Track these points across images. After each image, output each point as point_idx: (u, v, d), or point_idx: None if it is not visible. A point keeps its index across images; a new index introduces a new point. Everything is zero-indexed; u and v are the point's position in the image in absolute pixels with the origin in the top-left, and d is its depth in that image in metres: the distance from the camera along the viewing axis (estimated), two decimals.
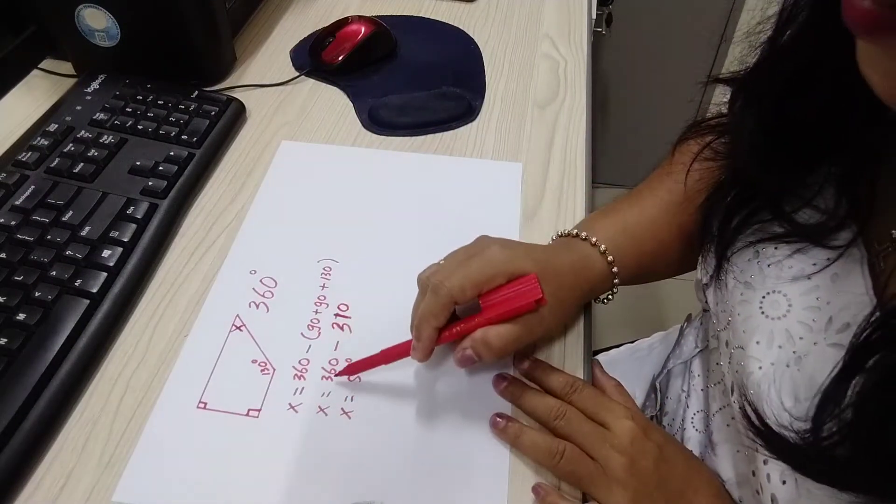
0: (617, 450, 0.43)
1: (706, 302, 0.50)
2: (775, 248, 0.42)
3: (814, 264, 0.40)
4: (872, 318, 0.33)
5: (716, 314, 0.48)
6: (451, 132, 0.69)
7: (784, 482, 0.37)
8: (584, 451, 0.43)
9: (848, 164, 0.41)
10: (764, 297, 0.42)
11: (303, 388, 0.48)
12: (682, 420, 0.55)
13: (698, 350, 0.57)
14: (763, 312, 0.41)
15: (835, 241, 0.40)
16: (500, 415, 0.45)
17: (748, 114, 0.43)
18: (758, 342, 0.41)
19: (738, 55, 0.43)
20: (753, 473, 0.41)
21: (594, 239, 0.50)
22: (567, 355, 0.50)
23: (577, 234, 0.51)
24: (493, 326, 0.43)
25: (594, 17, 0.95)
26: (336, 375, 0.49)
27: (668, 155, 0.56)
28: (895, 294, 0.36)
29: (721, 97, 0.51)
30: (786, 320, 0.40)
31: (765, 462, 0.39)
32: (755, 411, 0.39)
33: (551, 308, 0.45)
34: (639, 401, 0.66)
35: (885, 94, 0.29)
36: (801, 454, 0.35)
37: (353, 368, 0.48)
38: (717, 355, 0.50)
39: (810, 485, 0.35)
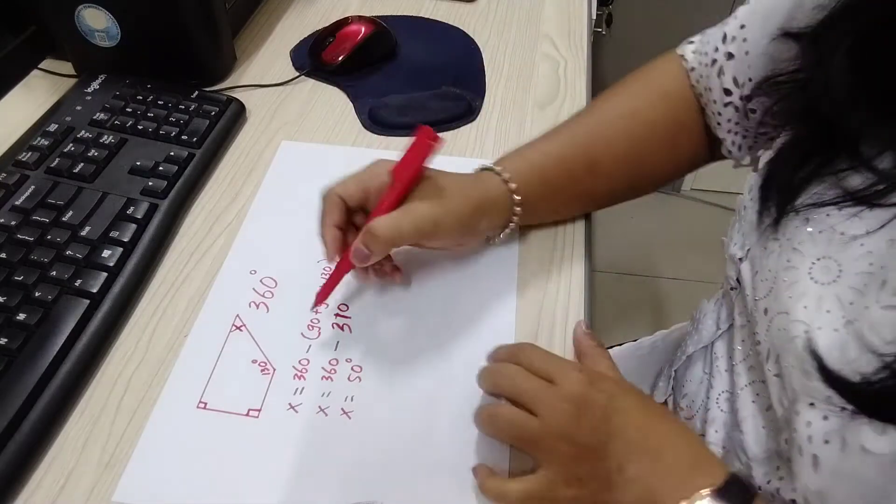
0: (561, 400, 0.41)
1: (735, 279, 0.49)
2: (827, 214, 0.41)
3: (867, 229, 0.39)
4: None
5: (753, 285, 0.46)
6: (451, 132, 0.69)
7: (828, 442, 0.36)
8: (530, 409, 0.41)
9: None
10: (814, 264, 0.40)
11: (303, 388, 0.48)
12: (706, 401, 0.54)
13: (721, 331, 0.57)
14: (812, 278, 0.40)
15: (891, 199, 0.38)
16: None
17: (831, 56, 0.42)
18: (805, 307, 0.39)
19: None
20: (786, 442, 0.40)
21: (487, 163, 0.54)
22: (567, 352, 0.50)
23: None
24: (379, 217, 0.46)
25: (594, 17, 0.95)
26: (312, 308, 0.52)
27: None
28: None
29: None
30: (836, 285, 0.39)
31: (808, 424, 0.37)
32: (819, 356, 0.37)
33: (434, 194, 0.48)
34: None
35: None
36: (872, 393, 0.34)
37: (321, 297, 0.51)
38: (746, 330, 0.49)
39: (865, 439, 0.34)
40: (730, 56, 0.52)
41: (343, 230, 0.49)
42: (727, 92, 0.53)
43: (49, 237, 0.53)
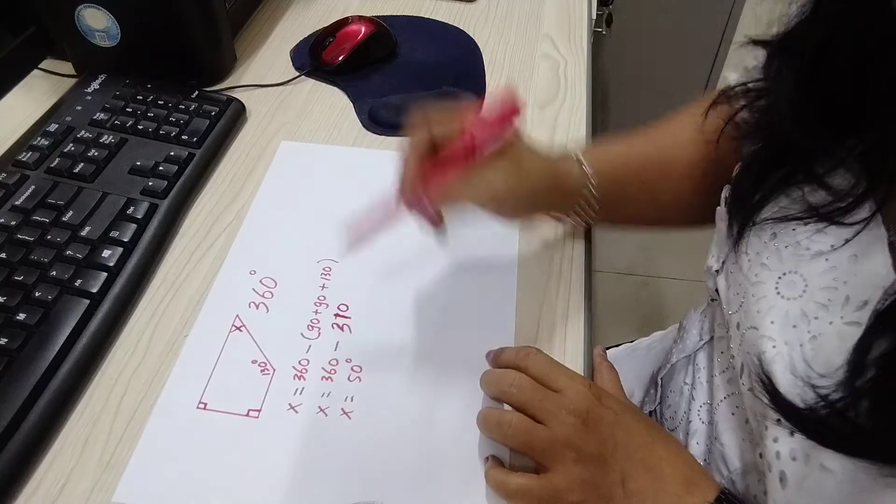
0: (569, 413, 0.41)
1: (715, 290, 0.50)
2: (793, 229, 0.42)
3: (832, 245, 0.40)
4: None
5: (727, 298, 0.47)
6: None
7: (794, 458, 0.37)
8: (536, 418, 0.42)
9: (871, 140, 0.40)
10: (780, 278, 0.41)
11: (303, 389, 0.48)
12: (688, 413, 0.55)
13: (703, 342, 0.57)
14: (779, 293, 0.41)
15: (853, 218, 0.39)
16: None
17: (787, 71, 0.43)
18: (772, 322, 0.40)
19: (768, 18, 0.44)
20: (760, 456, 0.41)
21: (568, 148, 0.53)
22: (567, 351, 0.51)
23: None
24: (448, 177, 0.44)
25: (594, 17, 0.95)
26: (347, 249, 0.48)
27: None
28: None
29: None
30: (801, 300, 0.40)
31: (775, 440, 0.38)
32: (770, 381, 0.38)
33: (513, 174, 0.45)
34: (637, 398, 0.65)
35: None
36: (817, 420, 0.35)
37: (355, 235, 0.47)
38: (724, 342, 0.50)
39: (824, 457, 0.35)
40: None
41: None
42: None
43: (49, 237, 0.53)
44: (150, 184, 0.58)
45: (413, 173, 0.44)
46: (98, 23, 0.67)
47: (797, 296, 0.40)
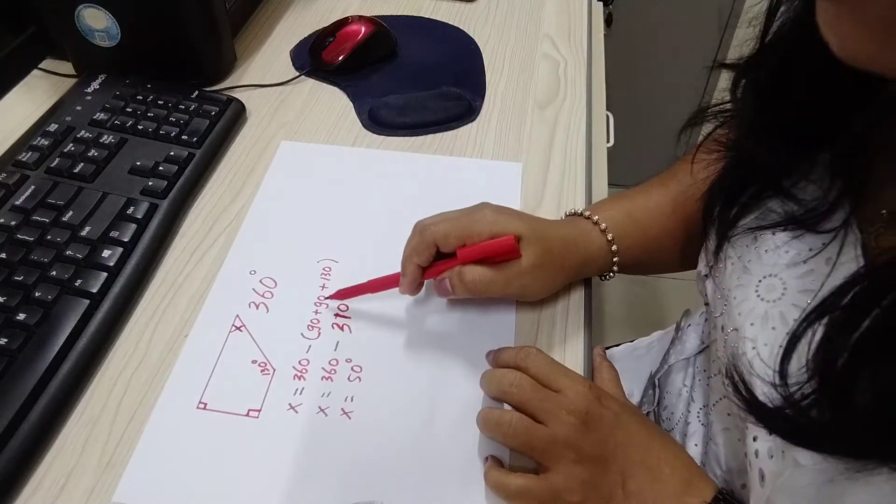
0: (569, 413, 0.41)
1: (705, 294, 0.50)
2: (773, 233, 0.43)
3: (810, 249, 0.41)
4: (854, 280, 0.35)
5: (713, 302, 0.48)
6: (451, 132, 0.69)
7: (771, 456, 0.37)
8: (536, 418, 0.42)
9: (839, 148, 0.41)
10: (760, 282, 0.42)
11: (303, 389, 0.48)
12: (686, 415, 0.55)
13: (703, 346, 0.57)
14: (759, 296, 0.42)
15: (828, 225, 0.40)
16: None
17: (748, 96, 0.44)
18: (752, 324, 0.41)
19: (743, 38, 0.45)
20: (745, 455, 0.41)
21: (596, 217, 0.53)
22: (567, 351, 0.51)
23: (581, 212, 0.54)
24: (473, 266, 0.47)
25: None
26: (327, 298, 0.53)
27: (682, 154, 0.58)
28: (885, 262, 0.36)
29: (722, 92, 0.52)
30: (780, 303, 0.40)
31: (754, 439, 0.39)
32: (743, 381, 0.39)
33: (532, 267, 0.48)
34: (636, 398, 0.66)
35: (844, 55, 0.30)
36: (785, 419, 0.36)
37: (343, 294, 0.52)
38: (715, 344, 0.50)
39: (797, 454, 0.35)
40: None
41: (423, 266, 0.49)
42: None
43: (49, 237, 0.53)
44: (150, 184, 0.58)
45: (414, 271, 0.49)
46: (98, 23, 0.67)
47: (776, 298, 0.41)
